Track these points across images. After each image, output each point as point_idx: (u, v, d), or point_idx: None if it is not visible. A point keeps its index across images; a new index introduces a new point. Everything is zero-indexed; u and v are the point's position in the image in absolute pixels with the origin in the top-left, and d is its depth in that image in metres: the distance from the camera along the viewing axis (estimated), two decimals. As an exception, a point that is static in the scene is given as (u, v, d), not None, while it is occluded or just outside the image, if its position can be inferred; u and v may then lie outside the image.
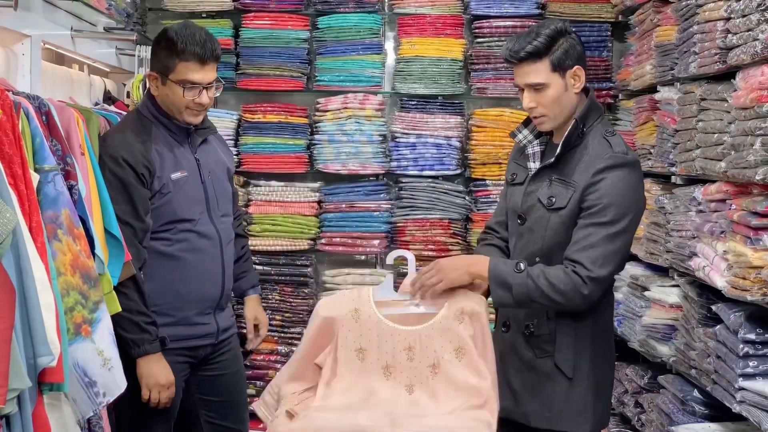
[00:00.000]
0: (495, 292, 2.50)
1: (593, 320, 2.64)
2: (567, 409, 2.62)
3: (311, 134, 4.75)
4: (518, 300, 2.49)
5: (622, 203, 2.53)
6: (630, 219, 2.55)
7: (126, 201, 2.78)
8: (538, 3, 4.72)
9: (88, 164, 2.57)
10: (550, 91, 2.57)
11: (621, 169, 2.55)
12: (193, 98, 2.85)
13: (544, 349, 2.63)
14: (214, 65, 2.86)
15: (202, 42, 2.81)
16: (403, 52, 4.75)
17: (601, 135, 2.61)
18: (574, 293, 2.47)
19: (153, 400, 2.82)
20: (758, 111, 2.70)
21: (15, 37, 2.76)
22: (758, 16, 2.72)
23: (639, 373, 4.02)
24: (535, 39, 2.55)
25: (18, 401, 1.91)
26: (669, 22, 3.75)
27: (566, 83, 2.58)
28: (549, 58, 2.55)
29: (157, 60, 2.88)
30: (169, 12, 4.78)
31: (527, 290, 2.48)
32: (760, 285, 2.68)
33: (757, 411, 2.73)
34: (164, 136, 2.91)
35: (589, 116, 2.62)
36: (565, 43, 2.57)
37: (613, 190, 2.53)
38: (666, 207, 3.72)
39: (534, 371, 2.65)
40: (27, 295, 1.95)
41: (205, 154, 3.02)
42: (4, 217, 1.83)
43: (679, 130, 3.59)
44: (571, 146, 2.61)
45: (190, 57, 2.80)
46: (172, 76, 2.83)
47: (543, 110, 2.60)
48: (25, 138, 2.15)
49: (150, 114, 2.93)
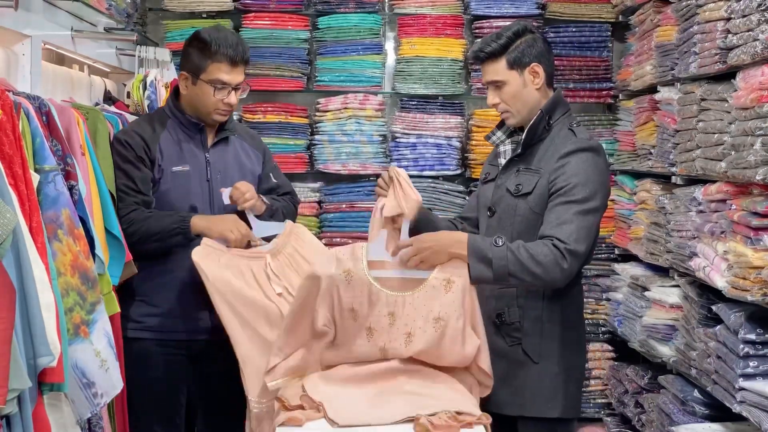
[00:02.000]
0: (475, 267, 2.50)
1: (561, 307, 2.71)
2: (537, 394, 2.70)
3: (311, 134, 4.75)
4: (497, 274, 2.50)
5: (589, 182, 2.63)
6: (599, 198, 2.65)
7: (125, 176, 2.93)
8: (538, 3, 4.73)
9: (88, 164, 2.57)
10: (508, 87, 2.76)
11: (585, 153, 2.68)
12: (222, 98, 2.95)
13: (514, 336, 2.71)
14: (243, 68, 2.98)
15: (234, 45, 2.93)
16: (404, 52, 4.76)
17: (566, 127, 2.76)
18: (553, 266, 2.51)
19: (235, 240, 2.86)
20: (758, 111, 2.70)
21: (15, 37, 2.77)
22: (758, 16, 2.72)
23: (639, 374, 4.02)
24: (495, 41, 2.76)
25: (18, 401, 1.91)
26: (669, 22, 3.75)
27: (524, 80, 2.76)
28: (505, 57, 2.75)
29: (188, 60, 2.98)
30: (169, 12, 4.77)
31: (507, 263, 2.49)
32: (761, 285, 2.68)
33: (758, 411, 2.73)
34: (176, 130, 3.00)
35: (555, 110, 2.77)
36: (524, 43, 2.76)
37: (579, 170, 2.64)
38: (666, 207, 3.72)
39: (506, 360, 2.70)
40: (27, 295, 1.95)
41: (220, 154, 3.06)
42: (4, 217, 1.83)
43: (679, 130, 3.59)
44: (537, 138, 2.75)
45: (222, 58, 2.92)
46: (204, 76, 2.93)
47: (505, 106, 2.78)
48: (26, 138, 2.15)
49: (168, 109, 3.06)
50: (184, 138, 3.01)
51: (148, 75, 3.82)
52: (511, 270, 2.50)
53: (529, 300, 2.69)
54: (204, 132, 3.04)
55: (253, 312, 2.74)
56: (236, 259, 2.82)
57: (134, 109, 3.71)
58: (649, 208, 3.97)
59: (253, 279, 2.80)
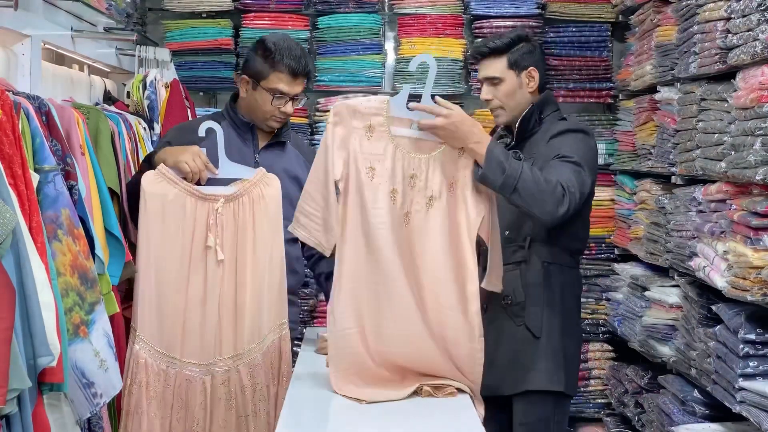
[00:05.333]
0: (487, 168, 2.45)
1: (561, 291, 2.87)
2: (542, 368, 2.81)
3: (311, 134, 4.75)
4: (505, 183, 2.47)
5: (582, 156, 2.74)
6: (590, 171, 2.74)
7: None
8: (538, 3, 4.73)
9: (88, 164, 2.57)
10: (504, 85, 2.90)
11: (576, 133, 2.83)
12: (278, 107, 2.97)
13: (519, 315, 2.85)
14: (303, 80, 2.99)
15: (297, 57, 2.95)
16: (403, 52, 4.76)
17: (556, 119, 2.91)
18: (552, 198, 2.56)
19: (194, 170, 2.74)
20: (758, 111, 2.70)
21: (15, 37, 2.77)
22: (758, 16, 2.72)
23: (639, 374, 4.02)
24: (498, 39, 2.91)
25: (18, 401, 1.91)
26: (669, 22, 3.76)
27: (521, 81, 2.91)
28: (507, 56, 2.89)
29: (251, 65, 2.99)
30: (169, 12, 4.78)
31: (518, 175, 2.49)
32: (761, 285, 2.68)
33: (757, 411, 2.73)
34: (228, 130, 2.96)
35: (545, 107, 2.92)
36: (525, 47, 2.91)
37: (571, 145, 2.76)
38: (666, 207, 3.72)
39: (514, 341, 2.84)
40: (27, 295, 1.95)
41: (271, 157, 3.04)
42: (4, 217, 1.83)
43: (679, 130, 3.59)
44: (529, 132, 2.89)
45: (284, 69, 2.93)
46: (264, 84, 2.95)
47: (498, 102, 2.92)
48: (25, 138, 2.15)
49: (225, 110, 3.09)
50: (235, 138, 3.01)
51: (147, 75, 3.83)
52: (519, 185, 2.50)
53: (530, 281, 2.84)
54: (254, 132, 3.04)
55: (167, 256, 2.71)
56: (184, 196, 2.72)
57: (134, 109, 3.71)
58: (649, 208, 3.97)
59: (191, 223, 2.72)
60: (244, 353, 2.74)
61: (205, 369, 2.73)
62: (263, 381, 2.77)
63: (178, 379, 2.72)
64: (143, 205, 2.69)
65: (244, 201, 2.75)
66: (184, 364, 2.72)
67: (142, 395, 2.70)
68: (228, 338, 2.74)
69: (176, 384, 2.72)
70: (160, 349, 2.71)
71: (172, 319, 2.71)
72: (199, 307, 2.72)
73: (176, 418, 2.73)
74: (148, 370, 2.70)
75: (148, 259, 2.70)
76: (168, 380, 2.72)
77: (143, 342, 2.69)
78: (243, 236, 2.74)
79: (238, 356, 2.74)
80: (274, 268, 2.77)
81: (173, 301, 2.71)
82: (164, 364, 2.71)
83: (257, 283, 2.75)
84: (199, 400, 2.73)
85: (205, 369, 2.73)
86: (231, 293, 2.74)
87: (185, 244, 2.72)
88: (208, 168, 2.76)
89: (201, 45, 4.75)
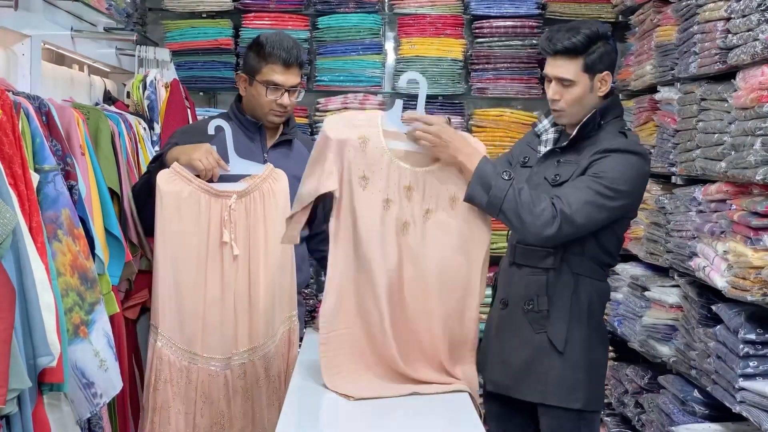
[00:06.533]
0: (473, 188, 2.43)
1: (589, 301, 2.70)
2: (559, 384, 2.67)
3: (311, 134, 4.74)
4: (490, 203, 2.44)
5: (621, 181, 2.57)
6: (626, 199, 2.59)
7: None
8: (538, 3, 4.73)
9: (88, 164, 2.57)
10: (576, 89, 2.66)
11: (630, 154, 2.61)
12: (275, 99, 2.99)
13: (541, 324, 2.68)
14: (297, 70, 3.02)
15: (288, 48, 2.98)
16: (403, 52, 4.76)
17: (616, 130, 2.70)
18: (543, 222, 2.49)
19: (207, 167, 2.76)
20: (758, 111, 2.70)
21: (15, 37, 2.77)
22: (758, 16, 2.72)
23: (639, 374, 4.02)
24: (575, 36, 2.63)
25: (18, 401, 1.91)
26: (669, 22, 3.76)
27: (593, 85, 2.67)
28: (583, 58, 2.64)
29: (246, 63, 3.05)
30: (169, 12, 4.78)
31: (503, 197, 2.45)
32: (761, 285, 2.68)
33: (757, 411, 2.73)
34: (236, 131, 2.98)
35: (608, 112, 2.70)
36: (602, 48, 2.65)
37: (617, 166, 2.57)
38: (666, 207, 3.72)
39: (530, 347, 2.69)
40: (27, 295, 1.95)
41: (280, 156, 3.05)
42: (4, 217, 1.83)
43: (679, 130, 3.59)
44: (585, 135, 2.68)
45: (276, 60, 2.97)
46: (258, 77, 2.99)
47: (563, 105, 2.69)
48: (25, 138, 2.15)
49: (231, 111, 3.11)
50: (244, 138, 3.03)
51: (147, 75, 3.82)
52: (504, 206, 2.46)
53: (557, 290, 2.67)
54: (263, 132, 3.07)
55: (184, 253, 2.73)
56: (199, 193, 2.74)
57: (134, 109, 3.71)
58: (649, 208, 3.97)
59: (206, 220, 2.74)
60: (259, 346, 2.79)
61: (225, 363, 2.77)
62: (275, 372, 2.81)
63: (200, 375, 2.76)
64: (159, 204, 2.71)
65: (255, 196, 2.80)
66: (206, 360, 2.76)
67: (168, 391, 2.73)
68: (243, 332, 2.78)
69: (199, 380, 2.76)
70: (181, 345, 2.74)
71: (192, 314, 2.75)
72: (217, 302, 2.75)
73: (200, 414, 2.77)
74: (171, 366, 2.73)
75: (166, 256, 2.72)
76: (191, 376, 2.75)
77: (165, 339, 2.72)
78: (255, 231, 2.78)
79: (254, 350, 2.79)
80: (285, 261, 2.80)
81: (192, 297, 2.74)
82: (186, 360, 2.75)
83: (270, 276, 2.78)
84: (222, 393, 2.78)
85: (225, 363, 2.77)
86: (245, 287, 2.77)
87: (201, 241, 2.75)
88: (220, 165, 2.80)
89: (201, 45, 4.76)
